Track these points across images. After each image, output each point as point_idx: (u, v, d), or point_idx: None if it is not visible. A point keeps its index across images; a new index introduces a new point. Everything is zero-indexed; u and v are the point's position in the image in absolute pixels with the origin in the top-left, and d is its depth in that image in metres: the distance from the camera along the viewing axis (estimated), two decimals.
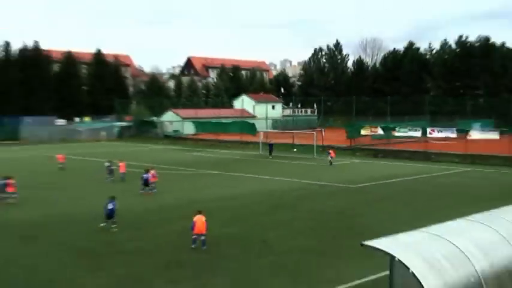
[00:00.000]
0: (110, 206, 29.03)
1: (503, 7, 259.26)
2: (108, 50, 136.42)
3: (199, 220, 25.68)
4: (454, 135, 71.60)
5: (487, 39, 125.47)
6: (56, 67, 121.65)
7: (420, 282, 14.46)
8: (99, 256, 24.41)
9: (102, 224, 29.44)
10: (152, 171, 41.27)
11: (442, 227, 18.13)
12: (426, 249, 15.97)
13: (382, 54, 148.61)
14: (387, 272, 16.41)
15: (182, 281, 20.92)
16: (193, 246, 25.34)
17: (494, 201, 29.10)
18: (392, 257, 15.29)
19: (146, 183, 40.36)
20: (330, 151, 60.67)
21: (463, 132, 71.67)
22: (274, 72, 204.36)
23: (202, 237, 25.35)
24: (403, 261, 14.89)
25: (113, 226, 29.09)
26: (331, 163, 58.16)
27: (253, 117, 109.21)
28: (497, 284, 16.47)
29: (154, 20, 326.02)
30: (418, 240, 16.73)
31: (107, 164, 48.07)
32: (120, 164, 47.48)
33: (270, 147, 69.23)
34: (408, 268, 14.69)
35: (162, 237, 27.89)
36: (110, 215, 29.01)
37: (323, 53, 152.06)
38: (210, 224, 29.47)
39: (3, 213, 33.55)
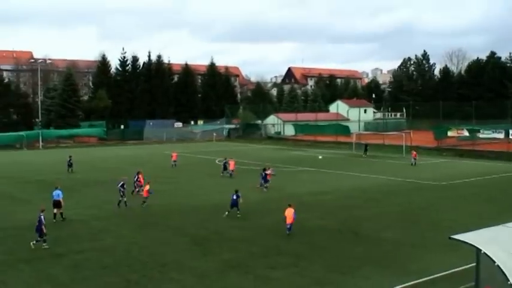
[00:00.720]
0: (234, 197, 29.96)
1: None
2: (220, 62, 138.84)
3: (289, 212, 26.19)
4: None
5: None
6: (175, 78, 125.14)
7: (505, 275, 13.52)
8: (208, 242, 24.61)
9: (226, 213, 29.96)
10: (270, 170, 40.94)
11: None
12: (511, 244, 14.96)
13: (466, 63, 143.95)
14: (472, 265, 15.51)
15: (280, 268, 20.66)
16: (287, 232, 25.82)
17: None
18: (478, 250, 14.41)
19: (265, 179, 39.77)
20: (413, 152, 57.44)
21: None
22: (366, 80, 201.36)
23: (288, 226, 25.95)
24: (489, 255, 14.00)
25: (238, 213, 29.90)
26: (414, 164, 55.00)
27: (347, 120, 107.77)
28: None
29: (259, 37, 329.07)
30: (503, 235, 15.75)
31: (221, 160, 48.56)
32: (231, 162, 47.76)
33: (365, 147, 67.83)
34: (494, 261, 13.79)
35: (264, 227, 27.81)
36: (234, 204, 29.88)
37: (411, 62, 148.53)
38: (306, 216, 29.24)
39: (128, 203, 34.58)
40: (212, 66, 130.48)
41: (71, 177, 45.63)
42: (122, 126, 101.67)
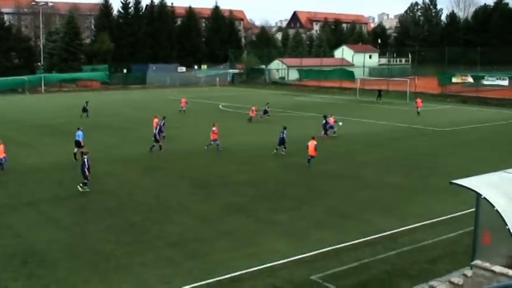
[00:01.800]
0: (282, 135, 31.57)
1: None
2: (224, 6, 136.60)
3: (311, 144, 28.41)
4: None
5: None
6: (178, 21, 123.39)
7: (504, 220, 13.67)
8: (212, 186, 24.85)
9: (274, 151, 31.54)
10: (331, 117, 40.32)
11: None
12: (511, 189, 15.06)
13: (473, 9, 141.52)
14: (471, 209, 15.66)
15: (282, 211, 20.93)
16: (307, 164, 28.27)
17: None
18: (478, 195, 14.52)
19: (326, 127, 39.09)
20: (418, 100, 54.89)
21: None
22: (372, 25, 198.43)
23: (309, 157, 28.41)
24: (489, 199, 14.11)
25: (283, 151, 31.54)
26: (418, 113, 52.21)
27: (352, 65, 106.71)
28: None
29: None
30: (503, 181, 15.81)
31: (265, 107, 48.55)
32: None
33: (379, 92, 67.48)
34: (493, 206, 13.92)
35: (268, 171, 28.05)
36: (282, 141, 31.62)
37: (418, 7, 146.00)
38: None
39: (130, 148, 34.74)
40: (216, 10, 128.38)
41: (75, 122, 45.68)
42: (125, 71, 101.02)
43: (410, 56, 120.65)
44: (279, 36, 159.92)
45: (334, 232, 18.57)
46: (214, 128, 33.80)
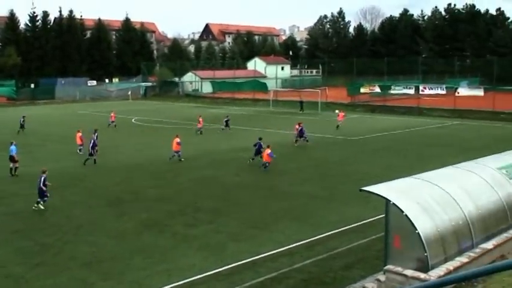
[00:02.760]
0: (257, 146, 33.17)
1: None
2: (135, 18, 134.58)
3: (265, 152, 30.70)
4: (443, 92, 71.10)
5: (472, 6, 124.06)
6: (88, 34, 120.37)
7: (413, 224, 14.15)
8: (125, 203, 24.23)
9: (249, 161, 32.73)
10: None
11: (433, 174, 17.75)
12: (419, 194, 15.64)
13: (380, 20, 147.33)
14: (382, 215, 16.10)
15: (197, 225, 20.73)
16: (263, 169, 30.54)
17: (479, 151, 28.66)
18: (388, 201, 14.96)
19: (301, 134, 40.24)
20: (340, 113, 51.86)
21: (452, 89, 70.92)
22: (283, 37, 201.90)
23: (264, 163, 30.73)
24: (398, 205, 14.58)
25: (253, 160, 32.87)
26: (337, 126, 49.55)
27: (264, 77, 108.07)
28: (482, 226, 16.17)
29: None
30: (411, 186, 16.40)
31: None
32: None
33: (301, 104, 68.36)
34: (402, 211, 14.38)
35: (182, 185, 27.71)
36: (258, 152, 33.04)
37: (327, 19, 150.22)
38: (223, 173, 29.44)
39: (38, 166, 33.39)
40: (127, 22, 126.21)
41: None
42: (33, 85, 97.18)
43: (320, 67, 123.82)
44: (191, 48, 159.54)
45: (250, 244, 18.57)
46: (177, 139, 33.78)
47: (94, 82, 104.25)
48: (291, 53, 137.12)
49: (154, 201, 24.41)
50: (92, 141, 33.62)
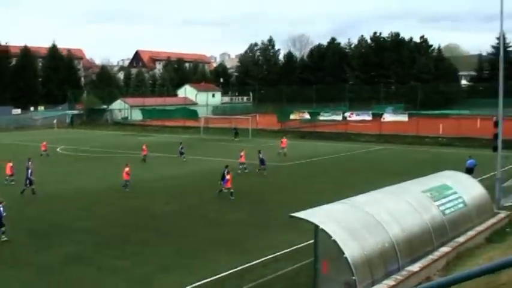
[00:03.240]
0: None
1: (411, 8, 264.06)
2: (62, 44, 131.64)
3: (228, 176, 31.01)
4: (370, 117, 73.19)
5: (397, 35, 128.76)
6: (14, 61, 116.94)
7: (341, 249, 14.32)
8: (49, 235, 23.36)
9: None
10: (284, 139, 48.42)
11: (360, 199, 18.13)
12: (346, 219, 15.91)
13: (308, 48, 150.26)
14: (311, 241, 16.22)
15: (125, 257, 20.21)
16: (217, 192, 31.21)
17: (404, 175, 29.49)
18: (316, 226, 15.12)
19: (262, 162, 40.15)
20: (283, 140, 51.87)
21: (378, 115, 73.10)
22: (214, 64, 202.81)
23: (226, 189, 31.04)
24: (326, 230, 14.74)
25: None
26: (285, 154, 49.24)
27: (195, 104, 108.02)
28: (408, 247, 16.56)
29: (104, 17, 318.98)
30: (339, 211, 16.66)
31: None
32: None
33: (235, 131, 68.45)
34: (330, 236, 14.55)
35: (108, 216, 27.00)
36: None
37: (258, 47, 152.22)
38: (152, 202, 29.00)
39: None
40: (54, 48, 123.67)
41: None
42: None
43: (251, 94, 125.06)
44: (121, 75, 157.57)
45: (180, 274, 18.26)
46: (127, 169, 33.15)
47: (19, 110, 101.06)
48: (221, 80, 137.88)
49: (80, 232, 23.64)
50: (30, 170, 32.94)
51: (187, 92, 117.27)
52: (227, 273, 18.19)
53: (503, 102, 27.96)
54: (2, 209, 22.70)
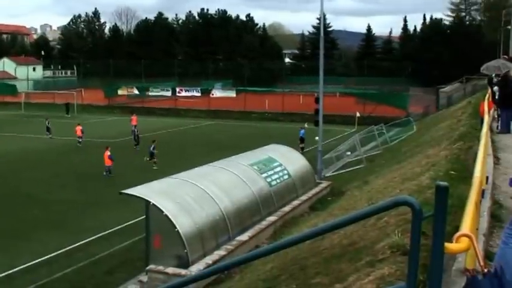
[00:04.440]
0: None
1: None
2: None
3: (105, 154, 30.85)
4: (199, 93, 73.83)
5: (224, 12, 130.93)
6: None
7: (173, 223, 14.58)
8: None
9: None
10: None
11: (191, 173, 18.48)
12: (177, 193, 16.17)
13: (135, 22, 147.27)
14: (143, 217, 16.31)
15: None
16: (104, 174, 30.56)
17: (232, 149, 30.45)
18: (147, 202, 15.20)
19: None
20: (133, 117, 47.32)
21: (207, 91, 74.16)
22: (34, 36, 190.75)
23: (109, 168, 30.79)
24: (157, 205, 14.90)
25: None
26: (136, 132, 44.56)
27: (15, 79, 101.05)
28: (238, 219, 17.29)
29: None
30: (170, 186, 16.86)
31: None
32: None
33: (67, 106, 64.76)
34: (162, 211, 14.73)
35: None
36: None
37: (81, 19, 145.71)
38: None
39: None
40: None
41: None
42: None
43: (75, 68, 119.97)
44: None
45: (5, 256, 17.39)
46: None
47: None
48: (43, 52, 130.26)
49: None
50: None
51: (5, 65, 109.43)
52: (56, 253, 17.67)
53: (323, 79, 30.01)
54: None
